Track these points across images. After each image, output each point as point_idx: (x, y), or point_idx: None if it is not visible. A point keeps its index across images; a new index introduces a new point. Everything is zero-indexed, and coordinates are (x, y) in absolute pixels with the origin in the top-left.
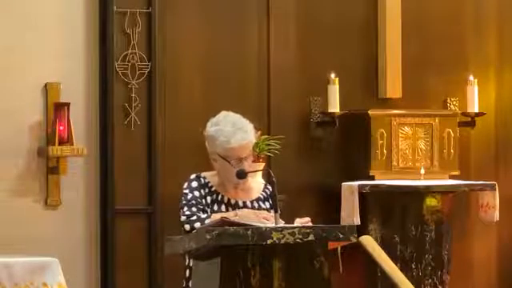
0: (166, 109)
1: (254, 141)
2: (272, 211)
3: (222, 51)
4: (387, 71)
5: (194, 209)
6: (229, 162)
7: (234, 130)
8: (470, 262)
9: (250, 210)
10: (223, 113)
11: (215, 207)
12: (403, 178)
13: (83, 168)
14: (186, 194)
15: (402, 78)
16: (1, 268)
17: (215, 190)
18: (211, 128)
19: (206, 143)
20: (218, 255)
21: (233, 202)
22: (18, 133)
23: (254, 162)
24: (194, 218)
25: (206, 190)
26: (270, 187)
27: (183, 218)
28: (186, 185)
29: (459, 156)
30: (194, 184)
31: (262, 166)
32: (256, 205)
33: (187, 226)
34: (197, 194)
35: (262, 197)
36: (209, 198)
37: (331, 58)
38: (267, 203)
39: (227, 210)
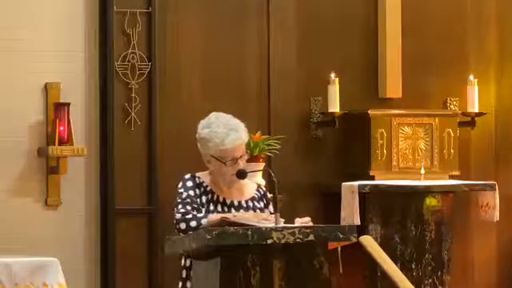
0: (166, 109)
1: (247, 139)
2: (266, 211)
3: (222, 51)
4: (387, 71)
5: (188, 207)
6: (224, 163)
7: (226, 130)
8: (470, 262)
9: (249, 212)
10: (214, 114)
11: (211, 207)
12: (403, 177)
13: (83, 168)
14: (181, 193)
15: (402, 78)
16: (1, 268)
17: (210, 190)
18: (203, 130)
19: (199, 145)
20: (218, 255)
21: (228, 201)
22: (18, 133)
23: (254, 162)
24: (190, 216)
25: (202, 190)
26: (263, 188)
27: (178, 215)
28: (180, 184)
29: (459, 156)
30: (189, 183)
31: (261, 166)
32: (251, 204)
33: (183, 225)
34: (192, 193)
35: (256, 196)
36: (204, 198)
37: (331, 57)
38: (261, 203)
39: (223, 210)
